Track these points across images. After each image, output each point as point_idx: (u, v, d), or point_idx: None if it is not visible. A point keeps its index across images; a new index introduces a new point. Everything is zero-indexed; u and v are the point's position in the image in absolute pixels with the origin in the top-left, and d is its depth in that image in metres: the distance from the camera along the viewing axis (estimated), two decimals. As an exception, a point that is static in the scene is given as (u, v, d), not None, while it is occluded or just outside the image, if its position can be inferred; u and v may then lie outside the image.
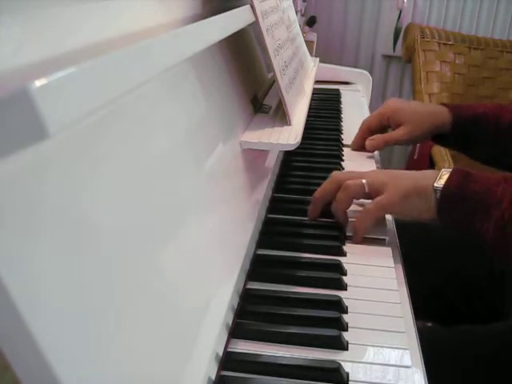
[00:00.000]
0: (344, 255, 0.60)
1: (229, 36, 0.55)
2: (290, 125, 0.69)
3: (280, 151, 0.81)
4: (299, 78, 0.85)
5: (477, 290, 0.83)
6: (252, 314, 0.49)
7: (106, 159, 0.32)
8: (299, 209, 0.68)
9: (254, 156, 0.66)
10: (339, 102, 1.24)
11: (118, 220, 0.32)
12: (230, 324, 0.46)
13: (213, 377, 0.39)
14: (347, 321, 0.49)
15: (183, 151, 0.45)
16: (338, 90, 1.34)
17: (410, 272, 0.59)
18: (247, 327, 0.47)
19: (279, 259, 0.58)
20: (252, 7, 0.64)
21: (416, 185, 0.61)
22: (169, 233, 0.39)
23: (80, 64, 0.24)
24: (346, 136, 0.99)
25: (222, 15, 0.53)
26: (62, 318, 0.25)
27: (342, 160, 0.88)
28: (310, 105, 0.85)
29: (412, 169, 0.67)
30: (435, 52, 1.85)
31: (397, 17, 2.08)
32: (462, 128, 0.84)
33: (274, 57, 0.67)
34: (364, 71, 1.44)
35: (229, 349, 0.44)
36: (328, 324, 0.47)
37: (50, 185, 0.26)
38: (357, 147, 0.93)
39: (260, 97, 0.81)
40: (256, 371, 0.43)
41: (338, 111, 1.17)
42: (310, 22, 1.83)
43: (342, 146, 0.95)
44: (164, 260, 0.37)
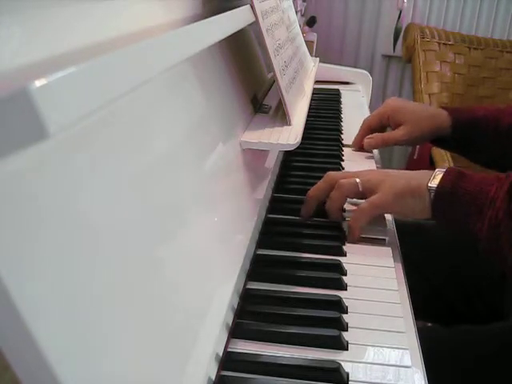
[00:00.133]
0: (344, 255, 0.60)
1: (229, 36, 0.55)
2: (290, 125, 0.69)
3: (280, 151, 0.81)
4: (299, 78, 0.85)
5: (477, 290, 0.83)
6: (252, 314, 0.49)
7: (106, 159, 0.32)
8: (299, 209, 0.68)
9: (254, 156, 0.66)
10: (339, 102, 1.24)
11: (118, 220, 0.32)
12: (230, 324, 0.46)
13: (213, 377, 0.39)
14: (347, 321, 0.49)
15: (183, 151, 0.45)
16: (338, 90, 1.34)
17: (410, 272, 0.59)
18: (247, 327, 0.47)
19: (279, 259, 0.58)
20: (252, 7, 0.64)
21: (410, 184, 0.61)
22: (169, 233, 0.39)
23: (80, 64, 0.24)
24: (346, 136, 0.99)
25: (222, 15, 0.53)
26: (62, 318, 0.25)
27: (342, 160, 0.88)
28: (310, 105, 0.85)
29: (412, 169, 0.67)
30: (435, 52, 1.85)
31: (397, 17, 2.08)
32: (462, 131, 0.84)
33: (274, 57, 0.67)
34: (364, 71, 1.44)
35: (229, 349, 0.44)
36: (328, 324, 0.47)
37: (51, 185, 0.26)
38: (358, 147, 0.93)
39: (260, 97, 0.81)
40: (256, 371, 0.43)
41: (338, 111, 1.17)
42: (310, 22, 1.83)
43: (342, 146, 0.95)
44: (164, 260, 0.37)
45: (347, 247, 0.62)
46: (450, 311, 0.86)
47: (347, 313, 0.50)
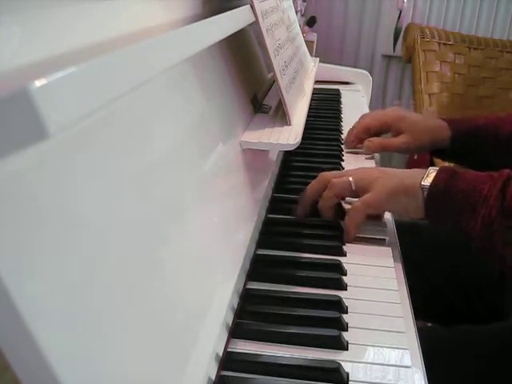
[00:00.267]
0: (344, 255, 0.60)
1: (229, 36, 0.55)
2: (290, 125, 0.69)
3: (280, 151, 0.81)
4: (299, 78, 0.85)
5: (477, 290, 0.83)
6: (252, 314, 0.49)
7: (107, 159, 0.32)
8: (299, 209, 0.68)
9: (254, 156, 0.66)
10: (339, 102, 1.24)
11: (118, 220, 0.32)
12: (230, 324, 0.46)
13: (213, 377, 0.40)
14: (347, 321, 0.49)
15: (183, 151, 0.45)
16: (338, 90, 1.34)
17: (410, 272, 0.59)
18: (247, 327, 0.47)
19: (279, 259, 0.58)
20: (252, 7, 0.64)
21: (404, 183, 0.61)
22: (168, 233, 0.39)
23: (80, 64, 0.24)
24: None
25: (222, 15, 0.53)
26: (62, 318, 0.25)
27: (342, 160, 0.88)
28: (310, 105, 0.85)
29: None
30: (435, 52, 1.85)
31: (397, 17, 2.08)
32: (461, 142, 0.84)
33: (274, 57, 0.67)
34: (364, 71, 1.44)
35: (229, 349, 0.44)
36: (328, 324, 0.47)
37: (51, 185, 0.26)
38: (351, 144, 0.92)
39: (260, 97, 0.81)
40: (256, 371, 0.43)
41: (338, 111, 1.17)
42: (310, 22, 1.83)
43: (342, 146, 0.95)
44: (164, 260, 0.37)
45: (347, 247, 0.62)
46: (450, 311, 0.86)
47: (347, 313, 0.50)
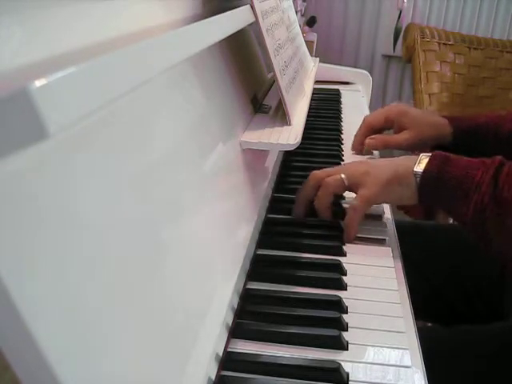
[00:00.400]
0: (344, 255, 0.60)
1: (229, 36, 0.55)
2: (290, 125, 0.69)
3: (280, 151, 0.81)
4: (299, 78, 0.85)
5: (477, 290, 0.83)
6: (252, 314, 0.49)
7: (107, 159, 0.32)
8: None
9: (254, 156, 0.66)
10: (339, 102, 1.24)
11: (118, 220, 0.32)
12: (230, 324, 0.46)
13: (213, 377, 0.40)
14: (347, 321, 0.49)
15: (183, 151, 0.45)
16: (338, 90, 1.34)
17: (410, 272, 0.59)
18: (247, 327, 0.47)
19: (279, 259, 0.58)
20: (252, 7, 0.64)
21: (397, 172, 0.62)
22: (168, 233, 0.39)
23: (80, 64, 0.24)
24: (346, 136, 0.99)
25: (222, 15, 0.53)
26: (62, 318, 0.25)
27: (342, 160, 0.88)
28: (310, 105, 0.85)
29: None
30: (435, 52, 1.85)
31: (397, 17, 2.08)
32: (462, 139, 0.84)
33: (274, 57, 0.67)
34: (364, 71, 1.44)
35: (229, 349, 0.44)
36: (328, 324, 0.47)
37: (51, 185, 0.26)
38: (359, 148, 0.91)
39: (260, 97, 0.81)
40: (256, 371, 0.43)
41: (338, 111, 1.17)
42: (310, 22, 1.83)
43: (342, 146, 0.95)
44: (164, 260, 0.37)
45: (347, 247, 0.62)
46: (450, 311, 0.86)
47: (347, 313, 0.50)
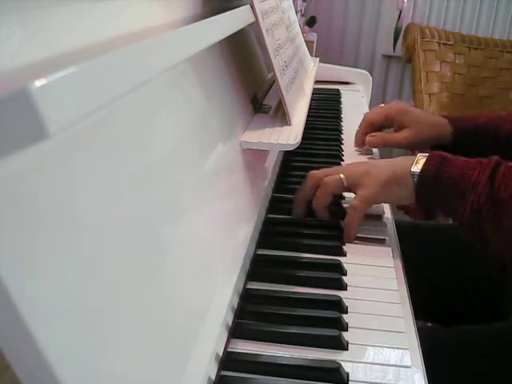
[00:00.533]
0: (344, 255, 0.60)
1: (229, 36, 0.55)
2: (290, 125, 0.69)
3: (280, 151, 0.81)
4: (299, 78, 0.84)
5: (477, 290, 0.83)
6: (252, 314, 0.49)
7: (107, 159, 0.32)
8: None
9: (254, 156, 0.66)
10: (339, 102, 1.24)
11: (118, 220, 0.32)
12: (230, 324, 0.46)
13: (213, 377, 0.40)
14: (347, 321, 0.49)
15: (183, 151, 0.45)
16: (338, 90, 1.34)
17: (410, 272, 0.59)
18: (247, 327, 0.47)
19: (279, 259, 0.58)
20: (252, 7, 0.64)
21: (395, 172, 0.62)
22: (168, 233, 0.39)
23: (80, 64, 0.24)
24: (346, 136, 1.00)
25: (222, 15, 0.53)
26: (62, 318, 0.25)
27: (342, 160, 0.88)
28: (310, 105, 0.85)
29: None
30: (435, 52, 1.85)
31: (397, 17, 2.08)
32: (462, 139, 0.84)
33: (274, 57, 0.67)
34: (364, 71, 1.44)
35: (229, 349, 0.44)
36: (328, 324, 0.47)
37: (51, 185, 0.26)
38: (361, 143, 0.92)
39: (260, 97, 0.81)
40: (256, 371, 0.43)
41: (338, 111, 1.17)
42: (310, 22, 1.83)
43: (342, 146, 0.95)
44: (164, 260, 0.37)
45: (347, 247, 0.62)
46: (450, 311, 0.86)
47: (347, 313, 0.50)
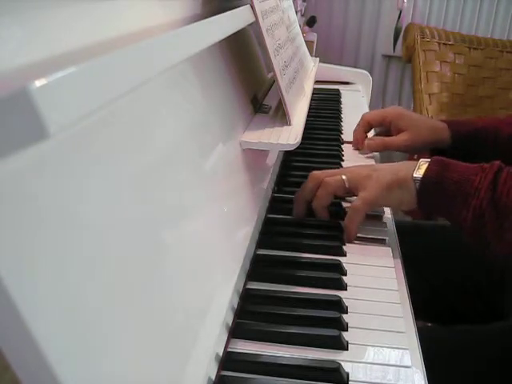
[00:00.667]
0: (344, 255, 0.60)
1: (229, 36, 0.55)
2: (290, 125, 0.69)
3: (280, 151, 0.81)
4: (299, 78, 0.84)
5: (477, 290, 0.83)
6: (252, 314, 0.49)
7: (107, 159, 0.32)
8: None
9: (254, 156, 0.66)
10: (339, 102, 1.24)
11: (118, 220, 0.32)
12: (230, 324, 0.46)
13: (213, 377, 0.40)
14: (347, 321, 0.49)
15: (183, 151, 0.45)
16: (338, 90, 1.34)
17: (410, 272, 0.59)
18: (247, 327, 0.47)
19: (279, 259, 0.58)
20: (252, 7, 0.64)
21: (397, 176, 0.62)
22: (168, 233, 0.39)
23: (80, 64, 0.24)
24: (346, 136, 1.00)
25: (222, 15, 0.53)
26: (62, 318, 0.25)
27: (342, 160, 0.88)
28: (310, 105, 0.85)
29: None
30: (435, 52, 1.85)
31: (397, 17, 2.08)
32: (461, 143, 0.84)
33: (274, 57, 0.67)
34: (364, 71, 1.44)
35: (229, 349, 0.44)
36: (328, 324, 0.47)
37: (51, 185, 0.26)
38: (359, 144, 0.92)
39: (260, 97, 0.81)
40: (256, 371, 0.43)
41: (338, 111, 1.17)
42: (310, 22, 1.83)
43: (342, 145, 0.95)
44: (164, 260, 0.37)
45: (347, 247, 0.62)
46: (450, 311, 0.86)
47: (347, 313, 0.50)
